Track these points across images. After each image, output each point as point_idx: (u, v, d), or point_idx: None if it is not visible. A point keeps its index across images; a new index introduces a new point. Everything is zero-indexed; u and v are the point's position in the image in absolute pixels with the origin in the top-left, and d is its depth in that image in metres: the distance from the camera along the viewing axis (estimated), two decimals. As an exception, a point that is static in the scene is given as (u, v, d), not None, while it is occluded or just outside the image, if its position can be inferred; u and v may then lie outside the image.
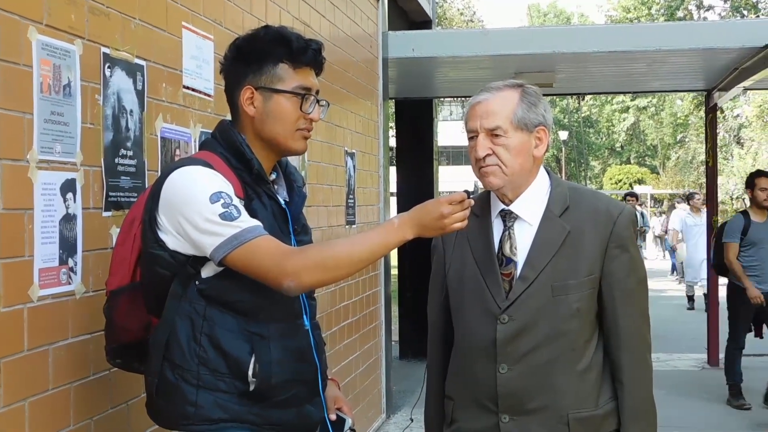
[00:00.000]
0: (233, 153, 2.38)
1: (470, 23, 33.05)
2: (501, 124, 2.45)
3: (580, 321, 2.49)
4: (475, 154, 2.48)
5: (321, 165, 5.59)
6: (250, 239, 2.21)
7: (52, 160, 2.60)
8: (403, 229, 2.24)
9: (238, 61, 2.43)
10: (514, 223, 2.53)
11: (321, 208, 5.58)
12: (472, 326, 2.54)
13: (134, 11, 3.11)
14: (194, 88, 3.58)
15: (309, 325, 2.48)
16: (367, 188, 6.97)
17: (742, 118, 41.03)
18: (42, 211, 2.54)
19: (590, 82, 11.06)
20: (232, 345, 2.31)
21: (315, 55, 2.44)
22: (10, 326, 2.42)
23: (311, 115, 2.43)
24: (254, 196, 2.38)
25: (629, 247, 2.53)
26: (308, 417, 2.46)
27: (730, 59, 8.42)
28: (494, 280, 2.51)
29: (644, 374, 2.55)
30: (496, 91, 2.50)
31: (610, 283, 2.51)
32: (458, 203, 2.23)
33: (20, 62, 2.46)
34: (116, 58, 2.96)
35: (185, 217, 2.26)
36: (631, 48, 7.88)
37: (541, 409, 2.47)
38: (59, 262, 2.62)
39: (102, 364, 2.72)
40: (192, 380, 2.31)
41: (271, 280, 2.23)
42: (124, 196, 2.99)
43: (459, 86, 10.61)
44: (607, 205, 2.55)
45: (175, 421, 2.35)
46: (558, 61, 8.44)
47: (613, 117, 54.76)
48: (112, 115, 2.93)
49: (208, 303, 2.32)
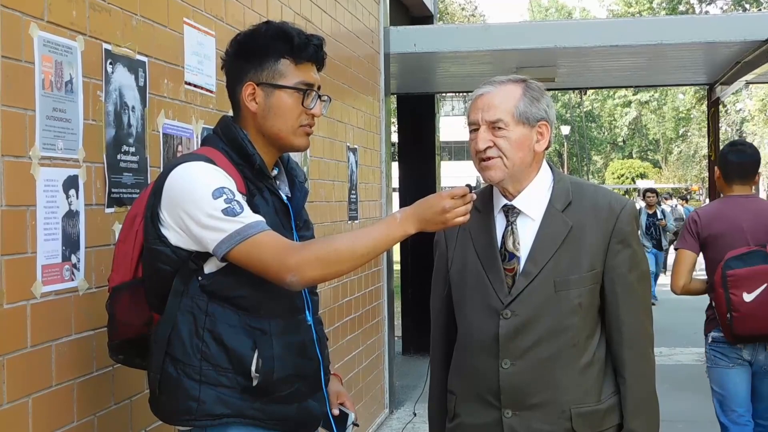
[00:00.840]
0: (235, 149, 2.38)
1: (472, 18, 33.02)
2: (503, 117, 2.45)
3: (582, 316, 2.49)
4: (475, 146, 2.48)
5: (323, 161, 5.59)
6: (252, 235, 2.22)
7: (55, 157, 2.60)
8: (406, 224, 2.24)
9: (239, 57, 2.43)
10: (516, 218, 2.53)
11: (323, 204, 5.58)
12: (475, 321, 2.54)
13: (135, 7, 3.11)
14: (196, 84, 3.58)
15: (311, 320, 2.48)
16: (369, 184, 6.97)
17: (744, 113, 40.99)
18: (44, 208, 2.54)
19: (592, 77, 11.06)
20: (234, 340, 2.31)
21: (316, 51, 2.44)
22: (13, 323, 2.42)
23: (313, 111, 2.43)
24: (256, 192, 2.38)
25: (631, 242, 2.53)
26: (310, 412, 2.46)
27: (732, 53, 8.41)
28: (497, 275, 2.51)
29: (646, 369, 2.56)
30: (499, 84, 2.50)
31: (612, 278, 2.51)
32: (460, 197, 2.23)
33: (22, 59, 2.46)
34: (118, 55, 2.96)
35: (187, 213, 2.26)
36: (632, 42, 7.87)
37: (543, 404, 2.47)
38: (62, 259, 2.63)
39: (105, 360, 2.72)
40: (194, 375, 2.31)
41: (273, 275, 2.23)
42: (127, 193, 2.99)
43: (460, 81, 10.60)
44: (610, 200, 2.55)
45: (177, 417, 2.35)
46: (560, 55, 8.44)
47: (615, 111, 54.74)
48: (114, 111, 2.93)
49: (210, 298, 2.32)
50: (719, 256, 4.38)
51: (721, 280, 4.32)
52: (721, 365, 4.53)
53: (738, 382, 4.52)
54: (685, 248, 4.55)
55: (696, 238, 4.53)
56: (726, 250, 4.36)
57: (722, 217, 4.52)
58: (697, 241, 4.53)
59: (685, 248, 4.55)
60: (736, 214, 4.48)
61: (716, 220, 4.52)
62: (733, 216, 4.48)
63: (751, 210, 4.50)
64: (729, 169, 4.59)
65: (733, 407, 4.56)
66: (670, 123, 50.03)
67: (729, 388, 4.54)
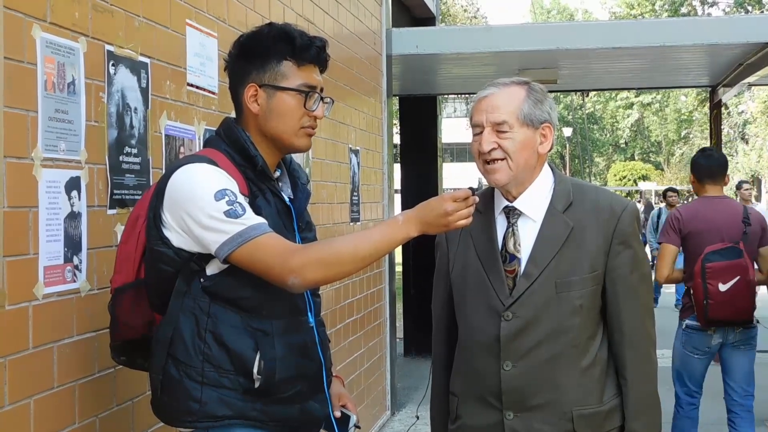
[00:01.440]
0: (237, 150, 2.38)
1: (474, 20, 33.01)
2: (507, 119, 2.45)
3: (583, 317, 2.49)
4: (479, 148, 2.47)
5: (325, 162, 5.59)
6: (254, 236, 2.22)
7: (57, 158, 2.60)
8: (408, 226, 2.24)
9: (241, 58, 2.43)
10: (517, 219, 2.53)
11: (325, 206, 5.58)
12: (476, 323, 2.54)
13: (138, 8, 3.11)
14: (198, 86, 3.58)
15: (313, 321, 2.48)
16: (371, 185, 6.97)
17: (746, 114, 40.98)
18: (47, 209, 2.54)
19: (594, 79, 11.05)
20: (236, 341, 2.31)
21: (319, 53, 2.43)
22: (15, 324, 2.42)
23: (315, 113, 2.43)
24: (258, 194, 2.38)
25: (632, 243, 2.53)
26: (312, 413, 2.46)
27: (734, 55, 8.41)
28: (498, 277, 2.51)
29: (648, 370, 2.55)
30: (503, 86, 2.50)
31: (613, 279, 2.51)
32: (462, 200, 2.23)
33: (24, 60, 2.46)
34: (120, 56, 2.97)
35: (189, 215, 2.26)
36: (635, 44, 7.87)
37: (544, 406, 2.47)
38: (64, 260, 2.63)
39: (107, 362, 2.72)
40: (196, 377, 2.31)
41: (275, 276, 2.23)
42: (129, 194, 2.99)
43: (463, 83, 10.60)
44: (611, 201, 2.55)
45: (179, 418, 2.35)
46: (562, 57, 8.43)
47: (617, 113, 54.70)
48: (116, 112, 2.93)
49: (212, 300, 2.32)
50: (699, 250, 5.01)
51: (701, 271, 4.96)
52: (688, 350, 5.27)
53: (698, 367, 5.33)
54: (669, 242, 5.18)
55: (678, 233, 5.15)
56: (704, 245, 5.00)
57: (701, 216, 5.14)
58: (679, 236, 5.15)
59: (669, 242, 5.18)
60: (713, 213, 5.12)
61: (695, 219, 5.13)
62: (711, 215, 5.11)
63: (724, 210, 5.16)
64: (701, 172, 5.30)
65: (688, 384, 5.37)
66: (672, 125, 50.00)
67: (689, 370, 5.33)
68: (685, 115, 47.32)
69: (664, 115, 50.69)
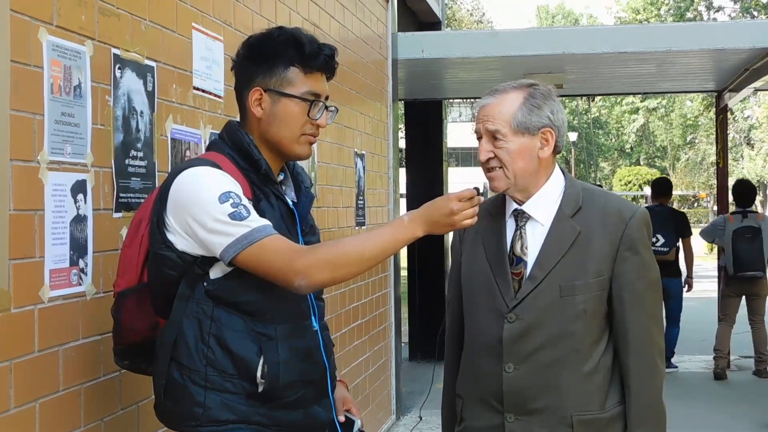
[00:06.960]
0: (241, 154, 2.38)
1: (479, 24, 33.02)
2: (500, 128, 2.46)
3: (587, 322, 2.48)
4: (479, 156, 2.50)
5: (331, 166, 5.59)
6: (260, 238, 2.21)
7: (63, 161, 2.60)
8: (413, 226, 2.24)
9: (249, 60, 2.42)
10: (526, 223, 2.53)
11: (331, 210, 5.58)
12: (481, 324, 2.55)
13: (144, 12, 3.12)
14: (204, 90, 3.59)
15: (317, 325, 2.48)
16: (377, 190, 6.97)
17: (752, 119, 40.91)
18: (52, 212, 2.55)
19: (600, 83, 11.05)
20: (240, 346, 2.31)
21: (327, 61, 2.42)
22: (20, 327, 2.42)
23: (318, 122, 2.42)
24: (262, 197, 2.37)
25: (640, 249, 2.52)
26: (316, 418, 2.45)
27: (740, 60, 8.39)
28: (504, 279, 2.51)
29: (653, 378, 2.52)
30: (500, 94, 2.51)
31: (619, 285, 2.50)
32: (468, 200, 2.23)
33: (31, 63, 2.47)
34: (126, 59, 2.97)
35: (194, 218, 2.26)
36: (640, 49, 7.86)
37: (544, 410, 2.47)
38: (70, 263, 2.63)
39: (112, 365, 2.72)
40: (200, 381, 2.31)
41: (281, 278, 2.23)
42: (135, 197, 2.99)
43: (468, 87, 10.60)
44: (619, 206, 2.55)
45: (182, 422, 2.35)
46: (567, 62, 8.43)
47: (622, 118, 54.64)
48: (122, 116, 2.94)
49: (215, 304, 2.32)
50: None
51: None
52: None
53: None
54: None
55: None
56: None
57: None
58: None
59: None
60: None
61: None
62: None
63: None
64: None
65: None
66: (677, 130, 49.92)
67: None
68: (691, 120, 47.26)
69: (669, 120, 50.61)
